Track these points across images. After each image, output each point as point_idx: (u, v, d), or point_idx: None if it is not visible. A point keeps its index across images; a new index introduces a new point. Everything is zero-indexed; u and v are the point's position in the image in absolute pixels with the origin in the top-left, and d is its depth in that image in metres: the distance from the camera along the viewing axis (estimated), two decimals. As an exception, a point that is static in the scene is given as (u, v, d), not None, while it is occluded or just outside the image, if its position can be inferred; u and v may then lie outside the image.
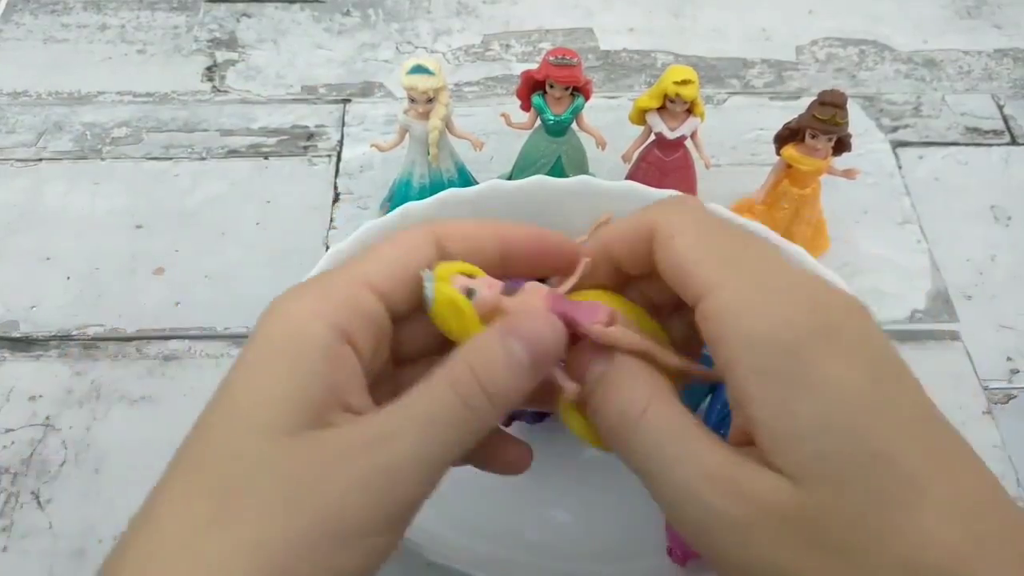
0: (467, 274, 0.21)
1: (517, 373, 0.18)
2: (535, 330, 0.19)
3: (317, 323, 0.18)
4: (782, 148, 0.40)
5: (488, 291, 0.20)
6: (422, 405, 0.18)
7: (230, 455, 0.17)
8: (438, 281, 0.20)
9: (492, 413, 0.18)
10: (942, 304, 0.42)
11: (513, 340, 0.18)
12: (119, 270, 0.43)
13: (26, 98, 0.50)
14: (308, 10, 0.56)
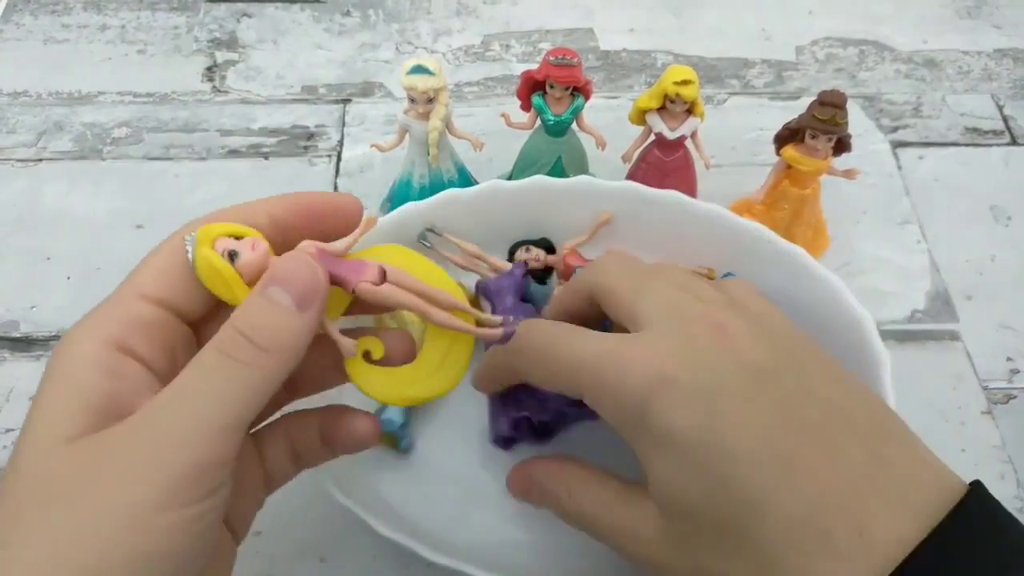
0: (235, 235, 0.21)
1: (283, 316, 0.19)
2: (290, 270, 0.20)
3: (89, 341, 0.19)
4: (782, 148, 0.40)
5: (252, 252, 0.20)
6: (187, 375, 0.19)
7: (18, 472, 0.18)
8: (199, 245, 0.20)
9: (273, 361, 0.19)
10: (942, 304, 0.42)
11: (271, 287, 0.19)
12: (120, 270, 0.42)
13: (26, 98, 0.50)
14: (308, 10, 0.56)
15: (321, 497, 0.30)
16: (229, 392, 0.18)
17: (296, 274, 0.20)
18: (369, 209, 0.45)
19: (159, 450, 0.18)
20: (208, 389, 0.18)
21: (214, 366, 0.19)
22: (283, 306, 0.19)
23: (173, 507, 0.17)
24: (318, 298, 0.20)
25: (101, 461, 0.18)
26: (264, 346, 0.19)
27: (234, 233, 0.21)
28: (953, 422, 0.38)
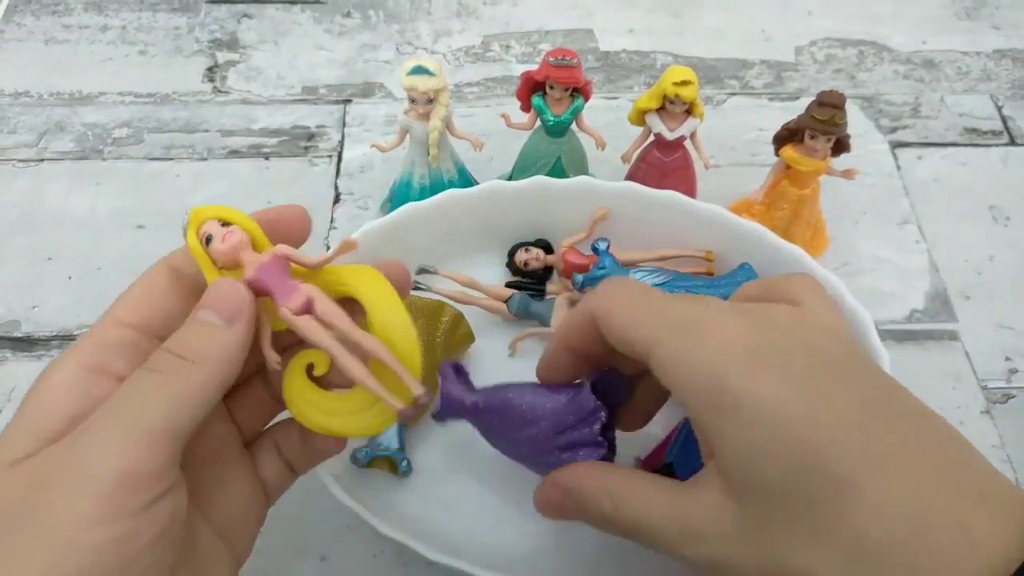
0: (223, 220, 0.22)
1: (210, 331, 0.20)
2: (218, 295, 0.21)
3: (64, 366, 0.20)
4: (781, 149, 0.40)
5: (221, 243, 0.21)
6: (116, 392, 0.19)
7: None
8: (188, 224, 0.22)
9: (201, 370, 0.20)
10: (941, 304, 0.42)
11: (201, 311, 0.21)
12: (120, 270, 0.43)
13: (27, 99, 0.51)
14: (309, 11, 0.56)
15: (322, 496, 0.30)
16: (152, 401, 0.19)
17: (223, 297, 0.21)
18: (369, 210, 0.45)
19: (83, 467, 0.18)
20: (129, 402, 0.19)
21: (135, 381, 0.19)
22: (211, 324, 0.20)
23: (106, 521, 0.17)
24: (244, 313, 0.21)
25: (32, 485, 0.18)
26: (189, 358, 0.20)
27: (223, 218, 0.22)
28: (952, 422, 0.37)
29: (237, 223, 0.22)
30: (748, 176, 0.44)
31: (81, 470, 0.18)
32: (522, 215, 0.39)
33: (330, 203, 0.46)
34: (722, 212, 0.36)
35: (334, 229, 0.44)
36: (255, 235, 0.22)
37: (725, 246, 0.37)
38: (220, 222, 0.22)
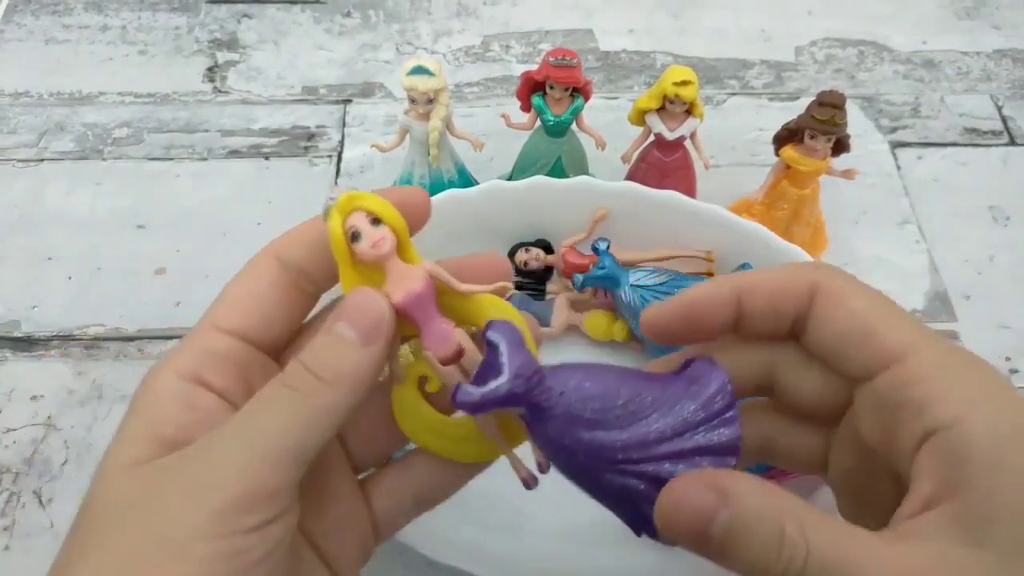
0: (373, 214, 0.19)
1: (347, 349, 0.19)
2: (357, 306, 0.19)
3: (165, 374, 0.20)
4: (781, 149, 0.40)
5: (372, 248, 0.19)
6: (247, 406, 0.19)
7: (90, 496, 0.19)
8: (335, 210, 0.19)
9: (333, 392, 0.18)
10: (941, 304, 0.42)
11: (338, 323, 0.19)
12: (120, 270, 0.43)
13: (27, 99, 0.50)
14: (309, 11, 0.56)
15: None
16: (283, 421, 0.18)
17: (362, 313, 0.19)
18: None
19: (206, 478, 0.17)
20: (262, 418, 0.18)
21: (271, 397, 0.19)
22: (347, 340, 0.19)
23: (216, 536, 0.17)
24: (382, 334, 0.19)
25: (154, 487, 0.18)
26: (325, 377, 0.18)
27: (375, 213, 0.19)
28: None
29: (389, 222, 0.19)
30: (748, 176, 0.44)
31: (204, 481, 0.17)
32: (522, 215, 0.39)
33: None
34: (722, 212, 0.36)
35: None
36: (402, 238, 0.20)
37: (725, 246, 0.37)
38: (370, 217, 0.19)
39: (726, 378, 0.19)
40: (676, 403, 0.18)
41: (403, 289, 0.19)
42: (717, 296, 0.20)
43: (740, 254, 0.37)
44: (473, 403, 0.17)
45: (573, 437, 0.18)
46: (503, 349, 0.18)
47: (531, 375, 0.18)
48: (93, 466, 0.36)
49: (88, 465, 0.36)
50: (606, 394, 0.18)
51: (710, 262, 0.38)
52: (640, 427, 0.18)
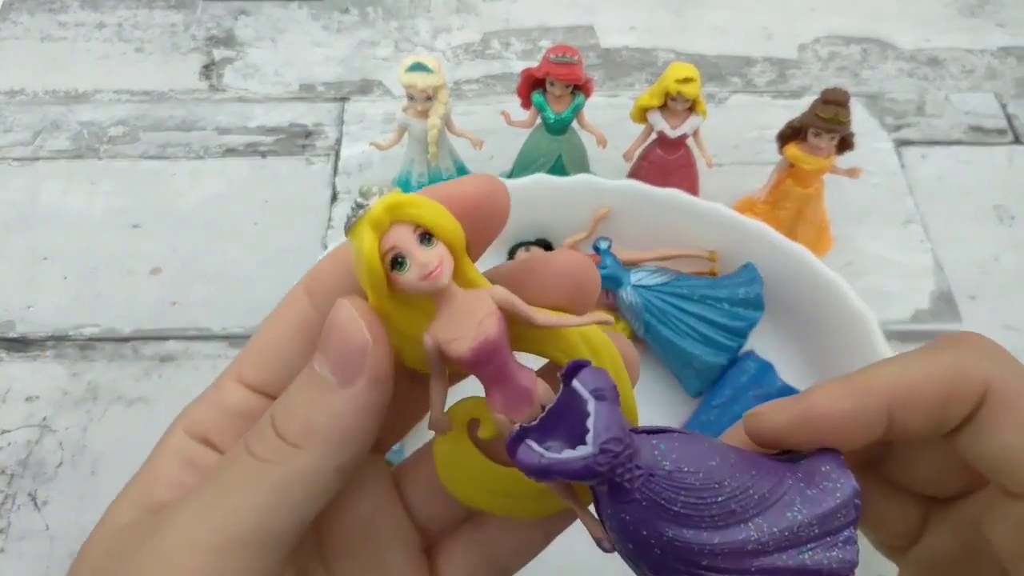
0: (423, 227, 0.14)
1: (321, 393, 0.15)
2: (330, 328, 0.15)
3: (175, 431, 0.17)
4: (785, 147, 0.39)
5: (423, 281, 0.14)
6: (208, 479, 0.15)
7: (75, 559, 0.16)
8: (365, 223, 0.14)
9: (308, 455, 0.15)
10: (945, 304, 0.42)
11: (316, 354, 0.15)
12: (116, 270, 0.42)
13: (23, 97, 0.50)
14: (306, 8, 0.55)
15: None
16: (238, 498, 0.15)
17: (335, 335, 0.15)
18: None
19: (145, 570, 0.14)
20: (214, 494, 0.15)
21: (228, 465, 0.15)
22: (322, 381, 0.15)
23: None
24: (363, 367, 0.14)
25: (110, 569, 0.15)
26: (290, 437, 0.15)
27: (426, 225, 0.14)
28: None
29: (444, 237, 0.14)
30: (751, 175, 0.43)
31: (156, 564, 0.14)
32: (522, 214, 0.38)
33: (328, 202, 0.45)
34: (725, 211, 0.36)
35: (331, 228, 0.44)
36: (459, 254, 0.15)
37: (728, 245, 0.36)
38: (419, 231, 0.14)
39: (856, 489, 0.15)
40: (787, 507, 0.15)
41: (470, 337, 0.14)
42: (860, 412, 0.15)
43: (743, 253, 0.36)
44: (537, 468, 0.14)
45: (653, 530, 0.14)
46: (591, 410, 0.14)
47: (621, 451, 0.14)
48: (88, 468, 0.36)
49: (83, 467, 0.36)
50: (706, 486, 0.15)
51: (713, 261, 0.37)
52: (738, 532, 0.15)
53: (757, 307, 0.35)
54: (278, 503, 0.15)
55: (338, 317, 0.15)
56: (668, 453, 0.15)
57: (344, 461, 0.15)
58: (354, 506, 0.18)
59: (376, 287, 0.14)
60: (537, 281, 0.16)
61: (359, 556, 0.17)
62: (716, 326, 0.35)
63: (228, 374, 0.17)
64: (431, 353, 0.15)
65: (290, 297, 0.17)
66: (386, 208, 0.14)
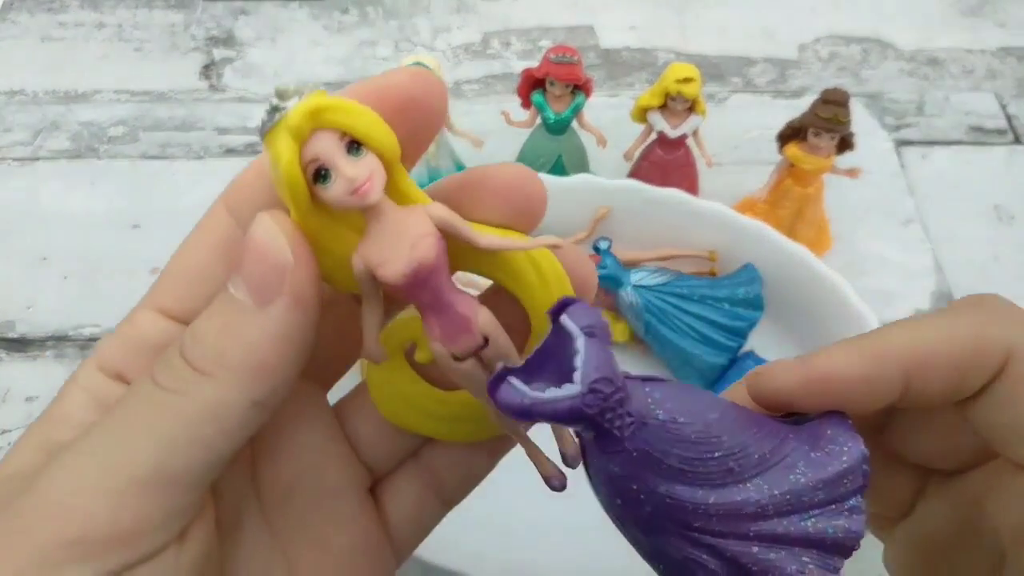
0: (351, 135, 0.12)
1: (237, 316, 0.13)
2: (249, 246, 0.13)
3: (85, 368, 0.15)
4: (785, 146, 0.39)
5: (353, 196, 0.12)
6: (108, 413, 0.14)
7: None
8: (282, 130, 0.12)
9: (218, 385, 0.13)
10: (945, 304, 0.42)
11: (232, 275, 0.13)
12: (116, 270, 0.42)
13: (23, 97, 0.50)
14: (306, 7, 0.55)
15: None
16: (139, 433, 0.13)
17: (254, 252, 0.13)
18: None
19: (33, 513, 0.13)
20: (115, 430, 0.13)
21: (133, 398, 0.14)
22: (237, 304, 0.13)
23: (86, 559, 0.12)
24: (282, 286, 0.13)
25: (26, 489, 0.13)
26: (201, 367, 0.13)
27: (353, 131, 0.12)
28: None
29: (375, 146, 0.13)
30: (751, 174, 0.43)
31: (23, 523, 0.13)
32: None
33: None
34: (725, 211, 0.36)
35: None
36: (392, 163, 0.13)
37: (728, 245, 0.36)
38: (346, 139, 0.12)
39: (864, 454, 0.14)
40: (789, 470, 0.14)
41: (403, 260, 0.13)
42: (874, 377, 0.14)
43: (743, 253, 0.36)
44: (520, 408, 0.12)
45: (644, 485, 0.13)
46: (580, 347, 0.12)
47: (611, 393, 0.12)
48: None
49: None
50: (702, 440, 0.13)
51: (713, 261, 0.37)
52: (736, 492, 0.13)
53: (757, 307, 0.35)
54: (185, 439, 0.13)
55: (255, 233, 0.13)
56: (662, 402, 0.13)
57: (261, 395, 0.13)
58: (294, 449, 0.16)
59: (297, 201, 0.13)
60: (480, 196, 0.14)
61: (301, 503, 0.16)
62: (716, 326, 0.35)
63: (143, 304, 0.15)
64: (361, 276, 0.13)
65: (209, 214, 0.15)
66: (306, 113, 0.12)
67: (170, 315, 0.15)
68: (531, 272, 0.14)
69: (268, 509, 0.16)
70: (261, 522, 0.16)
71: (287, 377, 0.14)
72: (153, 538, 0.13)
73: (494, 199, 0.14)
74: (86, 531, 0.13)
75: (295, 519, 0.16)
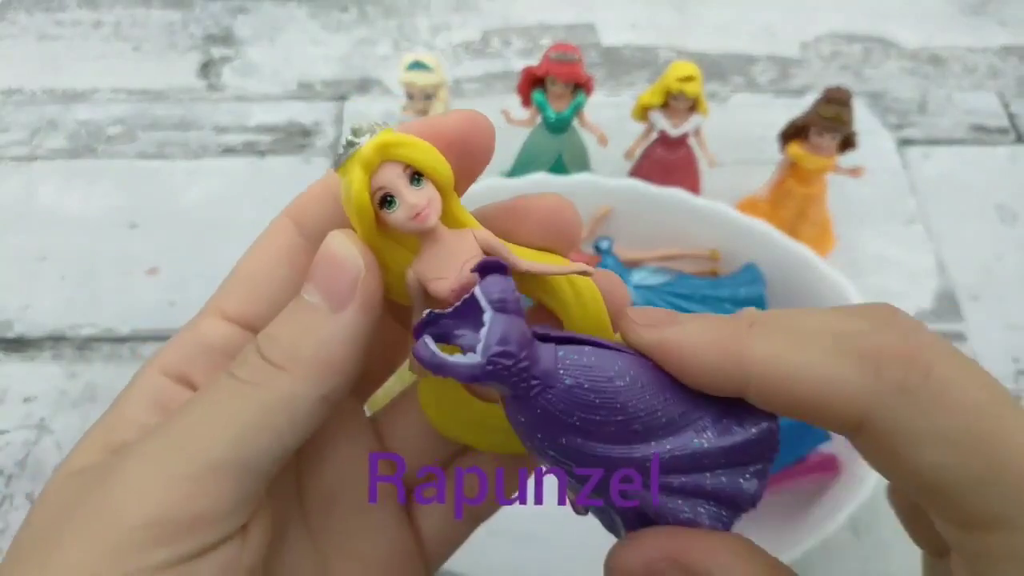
0: (413, 166, 0.14)
1: (310, 319, 0.14)
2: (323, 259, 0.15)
3: (148, 370, 0.16)
4: (787, 145, 0.39)
5: (415, 220, 0.14)
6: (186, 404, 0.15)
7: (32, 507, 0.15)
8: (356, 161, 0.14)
9: (293, 379, 0.14)
10: (948, 304, 0.41)
11: (306, 283, 0.15)
12: (113, 270, 0.42)
13: (20, 96, 0.50)
14: (305, 6, 0.55)
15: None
16: (217, 423, 0.14)
17: (329, 264, 0.15)
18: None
19: (108, 501, 0.14)
20: (191, 420, 0.14)
21: (211, 392, 0.15)
22: (311, 308, 0.15)
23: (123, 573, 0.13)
24: (356, 292, 0.14)
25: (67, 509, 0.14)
26: (277, 360, 0.14)
27: (419, 165, 0.14)
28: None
29: (433, 176, 0.14)
30: (753, 174, 0.43)
31: (105, 506, 0.14)
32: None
33: (327, 201, 0.45)
34: (727, 210, 0.36)
35: (331, 228, 0.44)
36: (447, 192, 0.15)
37: (730, 245, 0.36)
38: (409, 171, 0.14)
39: (772, 428, 0.15)
40: (696, 434, 0.15)
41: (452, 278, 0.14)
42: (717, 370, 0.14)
43: (745, 253, 0.36)
44: (429, 363, 0.14)
45: (548, 434, 0.15)
46: (486, 320, 0.14)
47: (511, 364, 0.14)
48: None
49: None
50: (605, 405, 0.14)
51: (714, 261, 0.37)
52: (636, 449, 0.14)
53: (759, 307, 0.35)
54: (259, 427, 0.14)
55: (331, 244, 0.15)
56: (571, 367, 0.14)
57: (329, 390, 0.15)
58: (336, 459, 0.17)
59: (365, 223, 0.14)
60: (522, 222, 0.16)
61: (340, 511, 0.17)
62: (718, 326, 0.35)
63: (207, 310, 0.16)
64: (413, 288, 0.15)
65: (275, 225, 0.16)
66: (377, 148, 0.14)
67: (233, 319, 0.16)
68: (568, 291, 0.16)
69: (310, 517, 0.17)
70: (303, 530, 0.17)
71: (351, 375, 0.15)
72: (224, 524, 0.14)
73: (536, 225, 0.16)
74: (165, 513, 0.13)
75: (334, 528, 0.17)
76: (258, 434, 0.14)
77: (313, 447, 0.17)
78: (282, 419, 0.14)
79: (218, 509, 0.14)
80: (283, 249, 0.16)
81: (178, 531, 0.13)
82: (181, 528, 0.13)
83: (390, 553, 0.17)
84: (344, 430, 0.17)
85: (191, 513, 0.13)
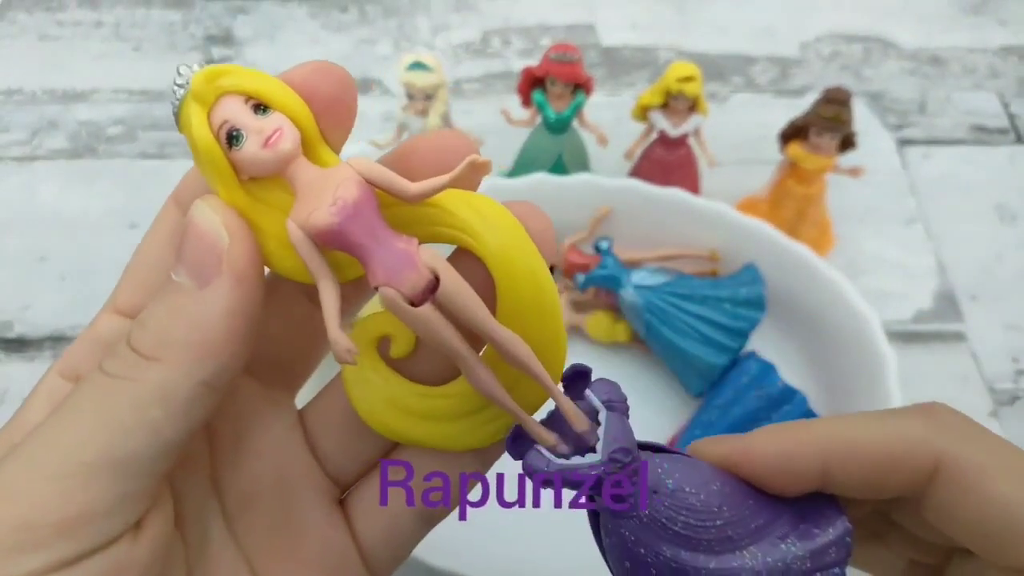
0: (257, 98, 0.13)
1: (179, 300, 0.13)
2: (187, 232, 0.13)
3: (49, 374, 0.16)
4: (787, 146, 0.39)
5: (265, 148, 0.13)
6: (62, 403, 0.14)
7: None
8: (190, 101, 0.13)
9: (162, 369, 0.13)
10: (948, 304, 0.41)
11: (175, 265, 0.14)
12: (114, 270, 0.42)
13: (20, 96, 0.50)
14: (305, 6, 0.55)
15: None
16: (87, 423, 0.13)
17: (190, 235, 0.13)
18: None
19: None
20: (63, 419, 0.13)
21: (82, 388, 0.14)
22: (179, 288, 0.13)
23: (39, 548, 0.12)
24: (220, 264, 0.13)
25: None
26: (146, 352, 0.13)
27: (257, 95, 0.13)
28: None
29: (280, 107, 0.13)
30: (753, 174, 0.43)
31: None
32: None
33: (327, 201, 0.45)
34: (727, 210, 0.36)
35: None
36: (308, 131, 0.14)
37: (730, 245, 0.36)
38: (251, 103, 0.13)
39: (849, 529, 0.15)
40: (781, 539, 0.15)
41: (325, 202, 0.13)
42: (794, 458, 0.15)
43: (745, 253, 0.36)
44: (544, 476, 0.13)
45: (651, 549, 0.14)
46: (602, 419, 0.13)
47: (629, 463, 0.14)
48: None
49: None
50: (706, 509, 0.14)
51: (714, 261, 0.37)
52: (733, 559, 0.14)
53: (759, 307, 0.35)
54: (133, 422, 0.13)
55: (191, 218, 0.14)
56: (672, 472, 0.15)
57: (209, 375, 0.13)
58: (257, 453, 0.16)
59: (222, 176, 0.13)
60: (410, 164, 0.15)
61: (266, 511, 0.16)
62: (717, 327, 0.35)
63: (105, 306, 0.16)
64: (299, 242, 0.13)
65: (162, 212, 0.16)
66: (206, 77, 0.13)
67: (123, 312, 0.16)
68: (472, 216, 0.14)
69: (231, 517, 0.16)
70: (225, 530, 0.16)
71: (236, 356, 0.14)
72: (104, 525, 0.13)
73: (421, 163, 0.15)
74: (34, 516, 0.12)
75: (259, 528, 0.16)
76: (134, 430, 0.13)
77: (229, 441, 0.16)
78: (157, 412, 0.13)
79: (96, 509, 0.13)
80: (168, 234, 0.15)
81: (51, 534, 0.12)
82: (54, 531, 0.13)
83: (322, 553, 0.16)
84: (260, 423, 0.16)
85: (64, 515, 0.13)
